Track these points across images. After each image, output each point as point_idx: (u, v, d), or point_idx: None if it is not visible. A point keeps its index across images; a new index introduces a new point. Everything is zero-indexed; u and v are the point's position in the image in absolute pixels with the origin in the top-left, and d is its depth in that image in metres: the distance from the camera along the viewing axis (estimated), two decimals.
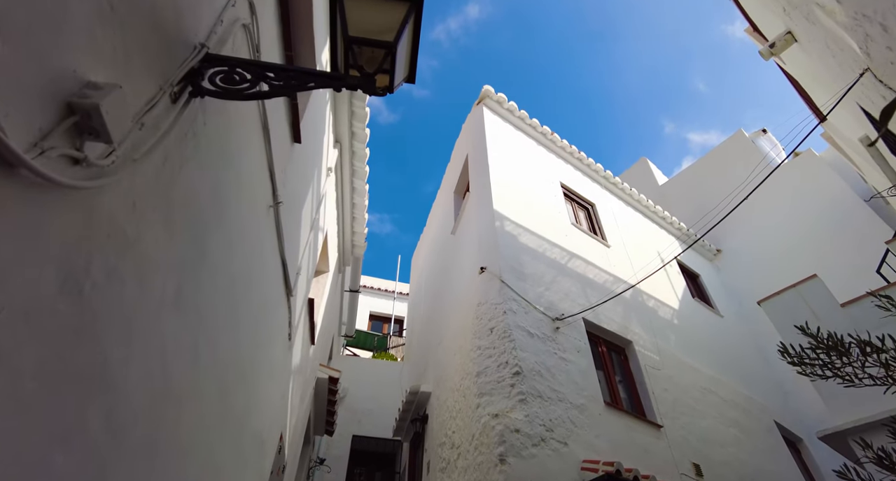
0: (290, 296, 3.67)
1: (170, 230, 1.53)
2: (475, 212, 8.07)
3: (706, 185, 13.20)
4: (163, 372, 1.58)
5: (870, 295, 3.20)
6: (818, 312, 5.59)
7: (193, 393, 1.91)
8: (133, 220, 1.24)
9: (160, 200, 1.43)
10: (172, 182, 1.50)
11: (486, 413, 5.18)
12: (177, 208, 1.56)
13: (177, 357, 1.70)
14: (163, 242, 1.48)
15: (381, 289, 16.24)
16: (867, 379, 2.53)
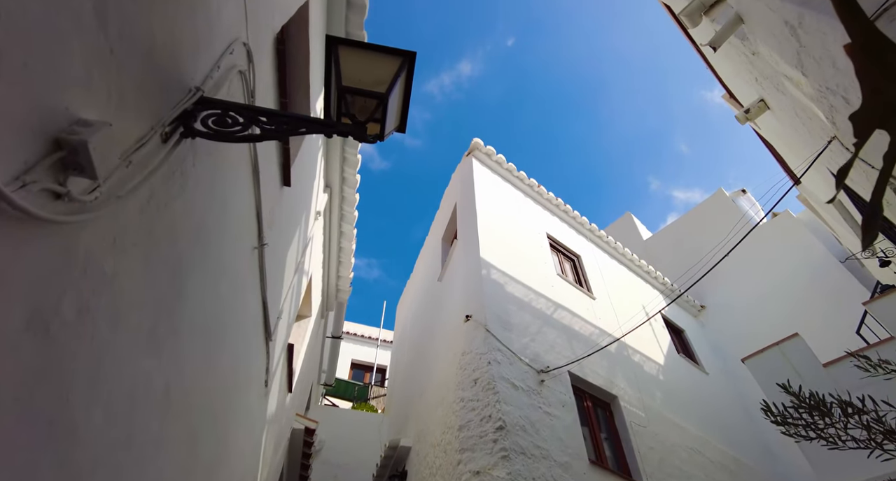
0: (269, 341, 3.58)
1: (150, 268, 1.51)
2: (462, 260, 8.09)
3: (688, 242, 13.47)
4: (128, 417, 1.51)
5: (850, 356, 3.22)
6: (801, 371, 5.57)
7: (160, 441, 1.81)
8: (112, 257, 1.23)
9: (142, 237, 1.42)
10: (156, 219, 1.49)
11: (468, 470, 4.97)
12: (158, 246, 1.55)
13: (145, 401, 1.62)
14: (141, 280, 1.46)
15: (364, 336, 15.91)
16: (850, 442, 2.49)
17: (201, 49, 1.69)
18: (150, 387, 1.63)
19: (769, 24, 3.31)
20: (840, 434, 2.55)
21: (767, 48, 3.62)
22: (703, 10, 4.51)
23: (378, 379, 14.62)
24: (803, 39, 2.98)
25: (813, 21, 2.61)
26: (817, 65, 2.96)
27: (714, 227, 12.71)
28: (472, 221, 8.21)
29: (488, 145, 9.89)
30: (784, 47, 3.28)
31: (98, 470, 1.32)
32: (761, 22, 3.48)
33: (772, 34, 3.35)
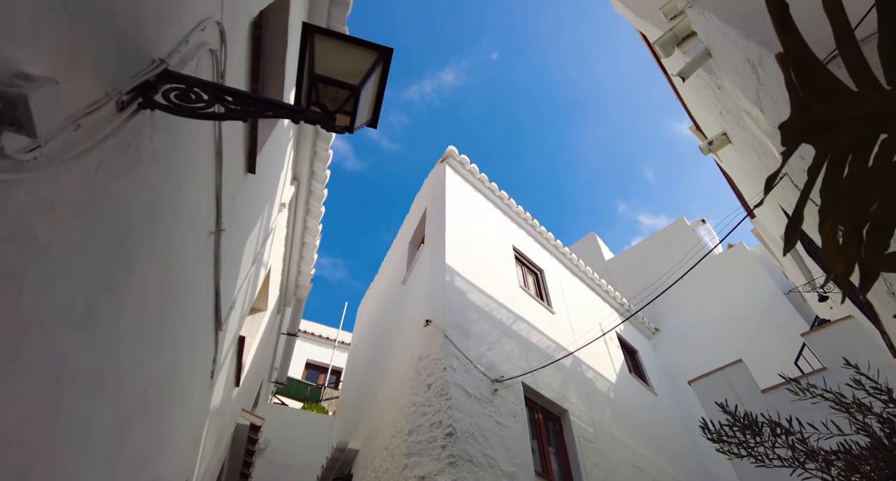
0: (218, 331, 3.47)
1: (92, 241, 1.45)
2: (427, 264, 8.08)
3: (648, 266, 13.86)
4: (51, 398, 1.43)
5: (785, 382, 3.38)
6: (741, 395, 5.80)
7: (86, 426, 1.72)
8: (47, 223, 1.17)
9: (85, 207, 1.36)
10: (104, 191, 1.44)
11: (414, 474, 4.93)
12: (104, 219, 1.49)
13: (74, 382, 1.54)
14: (80, 252, 1.40)
15: (322, 336, 15.64)
16: (776, 460, 2.61)
17: (170, 21, 1.65)
18: (78, 367, 1.55)
19: (733, 60, 3.47)
20: (768, 452, 2.67)
21: (731, 83, 3.80)
22: (675, 42, 4.69)
23: (332, 382, 14.37)
24: (763, 78, 3.14)
25: (772, 61, 2.75)
26: (774, 103, 3.13)
27: (673, 253, 13.13)
28: (441, 227, 8.24)
29: (463, 154, 9.97)
30: (746, 84, 3.45)
31: (10, 449, 1.24)
32: (727, 58, 3.65)
33: (735, 70, 3.52)
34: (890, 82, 0.73)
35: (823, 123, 0.71)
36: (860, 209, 0.79)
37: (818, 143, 0.72)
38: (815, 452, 2.57)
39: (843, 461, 2.50)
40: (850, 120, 0.72)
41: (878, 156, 0.77)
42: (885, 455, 2.39)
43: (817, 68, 0.68)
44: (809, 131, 0.71)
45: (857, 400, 2.70)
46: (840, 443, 2.59)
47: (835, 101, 0.71)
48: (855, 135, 0.73)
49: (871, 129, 0.74)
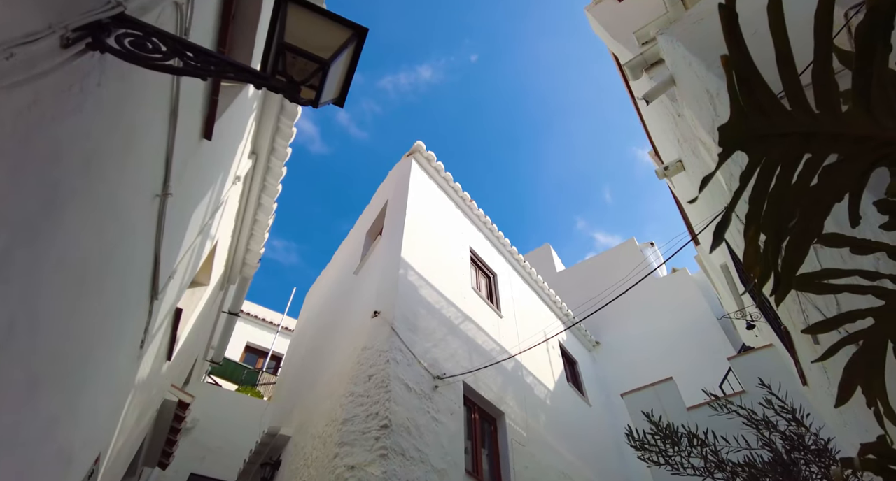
0: (154, 299, 3.32)
1: (17, 182, 1.36)
2: (382, 256, 8.02)
3: (595, 281, 14.25)
4: None
5: (708, 403, 3.58)
6: (668, 410, 6.09)
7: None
8: None
9: (13, 146, 1.27)
10: (37, 131, 1.35)
11: (343, 464, 4.88)
12: (34, 161, 1.39)
13: None
14: (2, 193, 1.30)
15: (266, 320, 15.22)
16: (690, 470, 2.76)
17: None
18: None
19: (694, 89, 3.63)
20: (683, 461, 2.82)
21: (690, 112, 3.97)
22: (644, 67, 4.87)
23: (272, 367, 14.02)
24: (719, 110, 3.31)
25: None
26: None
27: (620, 272, 13.61)
28: (400, 220, 8.20)
29: (430, 150, 9.96)
30: (703, 113, 3.62)
31: None
32: (688, 87, 3.81)
33: (695, 99, 3.69)
34: (818, 106, 0.79)
35: (758, 133, 0.75)
36: (782, 222, 0.84)
37: (751, 152, 0.77)
38: (723, 463, 2.74)
39: (747, 473, 2.68)
40: (780, 135, 0.77)
41: (802, 174, 0.83)
42: (784, 469, 2.58)
43: (756, 80, 0.72)
44: (745, 138, 0.75)
45: (766, 417, 2.90)
46: (746, 456, 2.77)
47: (769, 114, 0.76)
48: (785, 151, 0.78)
49: (798, 148, 0.80)
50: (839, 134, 0.81)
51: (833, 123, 0.81)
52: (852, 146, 0.82)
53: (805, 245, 0.97)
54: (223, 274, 6.30)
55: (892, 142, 0.83)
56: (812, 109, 0.78)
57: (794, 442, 2.74)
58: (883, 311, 1.09)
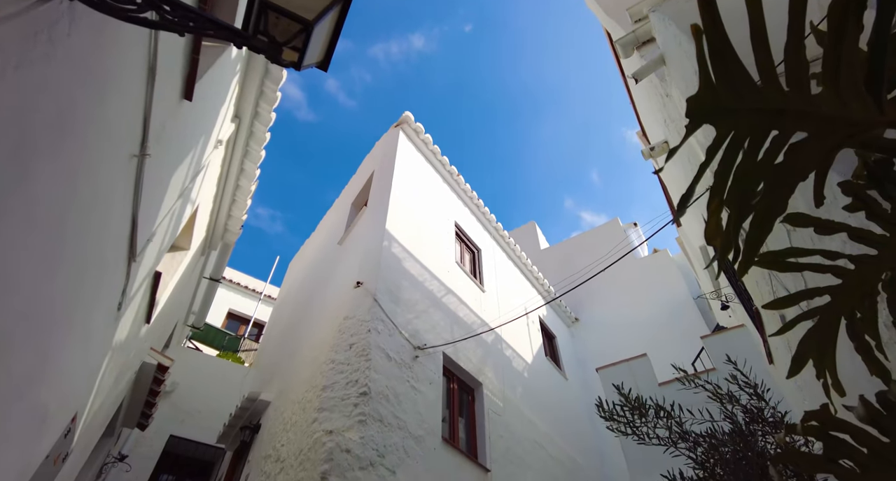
0: (132, 262, 3.29)
1: None
2: (367, 227, 8.00)
3: (578, 259, 14.43)
4: None
5: (678, 379, 3.71)
6: (640, 385, 6.29)
7: None
8: None
9: None
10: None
11: (322, 428, 4.98)
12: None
13: None
14: None
15: (248, 287, 15.18)
16: (655, 440, 2.89)
17: None
18: None
19: (683, 70, 3.62)
20: (649, 432, 2.94)
21: (678, 92, 3.97)
22: (636, 45, 4.82)
23: (254, 334, 14.06)
24: None
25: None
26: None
27: (602, 251, 13.79)
28: (386, 192, 8.15)
29: (418, 122, 9.83)
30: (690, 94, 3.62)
31: None
32: (677, 66, 3.80)
33: (683, 80, 3.68)
34: (789, 84, 0.80)
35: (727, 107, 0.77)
36: (745, 197, 0.86)
37: (719, 125, 0.78)
38: (687, 434, 2.87)
39: (708, 443, 2.82)
40: (749, 111, 0.78)
41: (769, 150, 0.85)
42: (742, 439, 2.71)
43: (729, 53, 0.73)
44: (714, 111, 0.76)
45: (730, 392, 3.03)
46: (709, 428, 2.90)
47: (740, 89, 0.77)
48: (752, 126, 0.80)
49: (766, 124, 0.81)
50: (807, 112, 0.82)
51: (802, 102, 0.82)
52: (819, 125, 0.84)
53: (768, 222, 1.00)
54: (204, 239, 6.23)
55: (858, 123, 0.85)
56: (782, 87, 0.79)
57: (754, 414, 2.88)
58: (839, 290, 1.13)
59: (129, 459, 7.49)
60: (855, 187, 1.03)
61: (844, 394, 1.12)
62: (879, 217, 1.05)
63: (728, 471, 2.78)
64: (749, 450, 2.70)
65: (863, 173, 1.02)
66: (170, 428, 8.61)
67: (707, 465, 2.85)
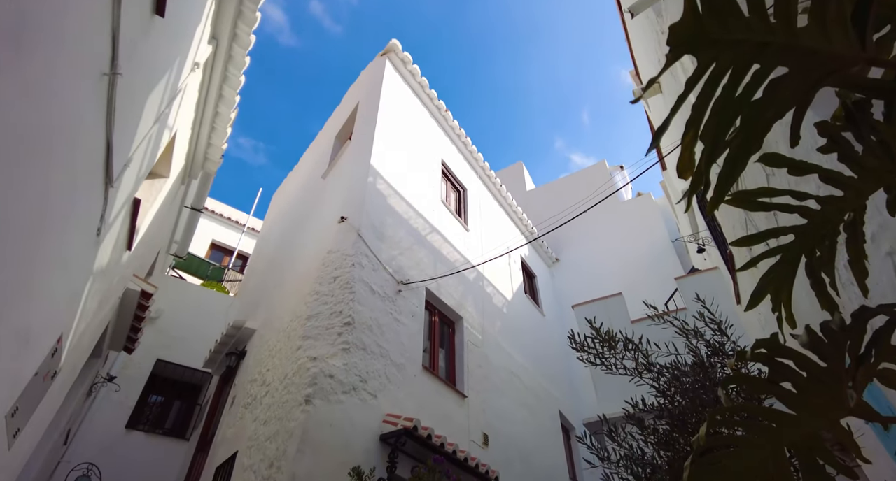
0: (109, 187, 3.22)
1: None
2: (351, 162, 7.87)
3: (562, 201, 14.49)
4: None
5: (649, 316, 3.88)
6: (614, 322, 6.57)
7: None
8: None
9: None
10: None
11: (306, 355, 5.17)
12: None
13: None
14: None
15: (231, 218, 15.06)
16: (622, 370, 3.09)
17: None
18: None
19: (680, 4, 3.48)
20: (617, 363, 3.12)
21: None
22: None
23: (238, 266, 14.15)
24: None
25: None
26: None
27: (587, 193, 13.86)
28: (371, 126, 7.95)
29: (406, 52, 9.40)
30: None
31: None
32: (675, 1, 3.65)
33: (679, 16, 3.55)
34: (776, 16, 0.79)
35: (711, 36, 0.76)
36: (720, 133, 0.87)
37: (701, 56, 0.78)
38: (652, 365, 3.06)
39: (671, 373, 3.02)
40: (733, 42, 0.77)
41: (748, 85, 0.85)
42: (703, 371, 2.91)
43: None
44: (697, 41, 0.75)
45: (696, 328, 3.21)
46: (673, 360, 3.10)
47: (725, 19, 0.75)
48: (735, 58, 0.79)
49: (750, 56, 0.80)
50: (791, 46, 0.81)
51: (787, 35, 0.81)
52: (801, 60, 0.84)
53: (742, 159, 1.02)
54: (184, 167, 6.09)
55: (840, 59, 0.85)
56: (769, 19, 0.78)
57: (716, 348, 3.08)
58: (804, 229, 1.17)
59: (118, 380, 7.75)
60: (831, 128, 1.04)
61: (795, 327, 1.20)
62: (850, 159, 1.07)
63: (687, 399, 3.00)
64: (708, 380, 2.91)
65: (841, 114, 1.03)
66: (157, 352, 8.86)
67: (668, 393, 3.07)
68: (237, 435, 5.53)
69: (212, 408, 7.21)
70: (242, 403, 5.90)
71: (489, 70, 62.63)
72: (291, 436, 4.45)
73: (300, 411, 4.59)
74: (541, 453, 8.35)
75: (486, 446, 6.88)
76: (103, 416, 7.80)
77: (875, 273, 1.57)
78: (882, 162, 1.00)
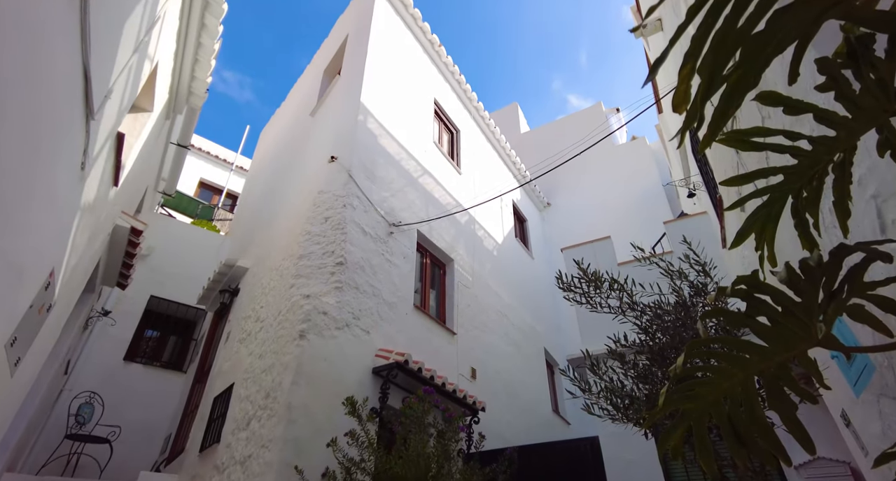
0: (90, 119, 3.12)
1: None
2: (340, 99, 7.63)
3: (556, 144, 14.28)
4: None
5: (636, 259, 3.95)
6: (601, 264, 6.70)
7: None
8: None
9: None
10: None
11: (300, 293, 5.27)
12: None
13: None
14: None
15: (219, 157, 14.74)
16: (606, 309, 3.20)
17: None
18: None
19: None
20: (601, 302, 3.23)
21: None
22: None
23: (227, 205, 14.03)
24: None
25: None
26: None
27: (582, 136, 13.65)
28: (361, 60, 7.62)
29: None
30: None
31: None
32: None
33: None
34: None
35: None
36: (718, 66, 0.85)
37: None
38: (635, 304, 3.18)
39: (654, 312, 3.14)
40: None
41: (751, 17, 0.82)
42: (685, 310, 3.03)
43: None
44: None
45: (680, 269, 3.30)
46: (656, 300, 3.22)
47: None
48: None
49: None
50: None
51: None
52: None
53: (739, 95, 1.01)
54: (168, 101, 5.86)
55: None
56: None
57: (699, 289, 3.19)
58: (793, 169, 1.18)
59: (113, 315, 7.89)
60: (831, 65, 1.03)
61: (776, 265, 1.24)
62: (846, 98, 1.06)
63: (668, 336, 3.15)
64: (689, 319, 3.04)
65: (843, 51, 1.01)
66: (150, 289, 8.97)
67: (650, 331, 3.21)
68: (233, 367, 5.74)
69: (207, 343, 7.42)
70: (237, 338, 6.07)
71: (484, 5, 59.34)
72: (286, 369, 4.63)
73: (294, 345, 4.74)
74: (525, 387, 8.80)
75: (474, 379, 7.22)
76: (101, 349, 8.02)
77: (858, 215, 1.61)
78: (878, 100, 0.99)
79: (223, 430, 5.06)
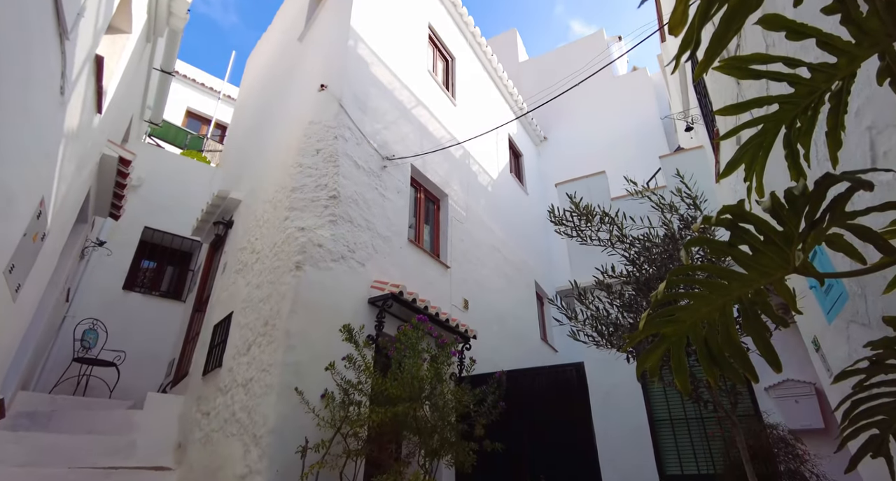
0: (64, 39, 2.95)
1: None
2: (329, 23, 7.22)
3: (555, 74, 13.75)
4: None
5: (629, 194, 3.96)
6: (594, 198, 6.73)
7: None
8: None
9: None
10: None
11: (294, 226, 5.29)
12: None
13: None
14: None
15: (206, 85, 14.13)
16: (596, 241, 3.26)
17: None
18: None
19: None
20: (592, 235, 3.28)
21: None
22: None
23: (217, 135, 13.66)
24: None
25: None
26: None
27: (582, 65, 13.13)
28: None
29: None
30: None
31: None
32: None
33: None
34: None
35: None
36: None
37: None
38: (625, 237, 3.23)
39: (642, 244, 3.21)
40: None
41: None
42: (673, 242, 3.10)
43: None
44: None
45: (671, 203, 3.33)
46: (646, 233, 3.27)
47: None
48: None
49: None
50: None
51: None
52: None
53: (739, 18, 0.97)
54: (147, 22, 5.51)
55: None
56: None
57: (688, 222, 3.24)
58: (789, 98, 1.16)
59: (109, 246, 7.94)
60: None
61: (763, 196, 1.25)
62: (852, 22, 1.03)
63: (655, 268, 3.24)
64: (676, 250, 3.11)
65: None
66: (144, 220, 8.96)
67: (638, 262, 3.30)
68: (231, 297, 5.88)
69: (204, 273, 7.54)
70: (234, 269, 6.17)
71: None
72: (284, 298, 4.76)
73: (291, 276, 4.84)
74: (516, 317, 9.13)
75: (467, 310, 7.47)
76: (100, 278, 8.14)
77: (850, 146, 1.60)
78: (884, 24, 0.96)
79: (224, 355, 5.28)
